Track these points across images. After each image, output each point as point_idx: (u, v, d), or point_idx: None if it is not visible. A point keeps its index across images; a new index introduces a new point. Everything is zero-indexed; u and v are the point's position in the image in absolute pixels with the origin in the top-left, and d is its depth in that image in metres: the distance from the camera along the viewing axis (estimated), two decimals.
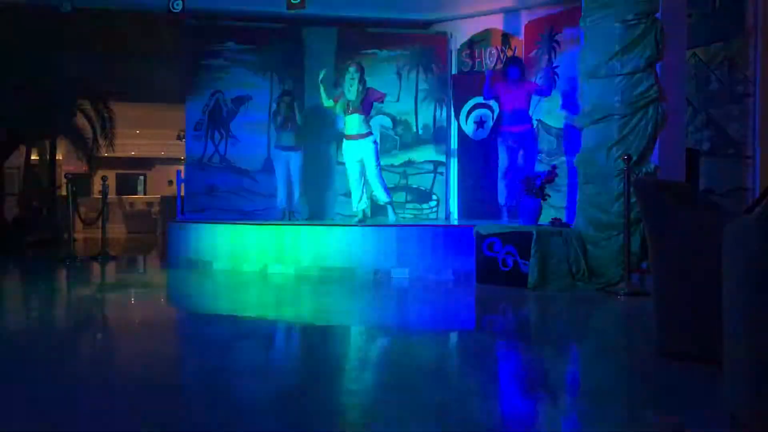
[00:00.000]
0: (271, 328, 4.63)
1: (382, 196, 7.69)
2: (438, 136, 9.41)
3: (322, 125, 8.96)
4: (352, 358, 3.79)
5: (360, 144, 7.51)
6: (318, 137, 9.02)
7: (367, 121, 7.58)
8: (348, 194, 8.11)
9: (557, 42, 7.92)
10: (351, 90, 7.39)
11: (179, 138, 14.24)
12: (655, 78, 5.76)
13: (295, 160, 8.49)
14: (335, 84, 8.45)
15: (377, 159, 7.65)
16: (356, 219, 7.57)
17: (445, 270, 6.75)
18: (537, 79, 8.03)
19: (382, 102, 7.79)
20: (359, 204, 7.64)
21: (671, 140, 5.82)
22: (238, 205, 9.01)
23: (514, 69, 7.59)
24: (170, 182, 24.58)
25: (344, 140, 7.66)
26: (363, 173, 7.62)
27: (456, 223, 8.52)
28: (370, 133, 7.59)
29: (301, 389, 2.99)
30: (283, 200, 8.50)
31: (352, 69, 7.45)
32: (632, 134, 5.79)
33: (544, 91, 7.69)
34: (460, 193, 9.38)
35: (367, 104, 7.50)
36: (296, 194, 8.55)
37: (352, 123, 7.49)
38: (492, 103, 8.48)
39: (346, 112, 7.52)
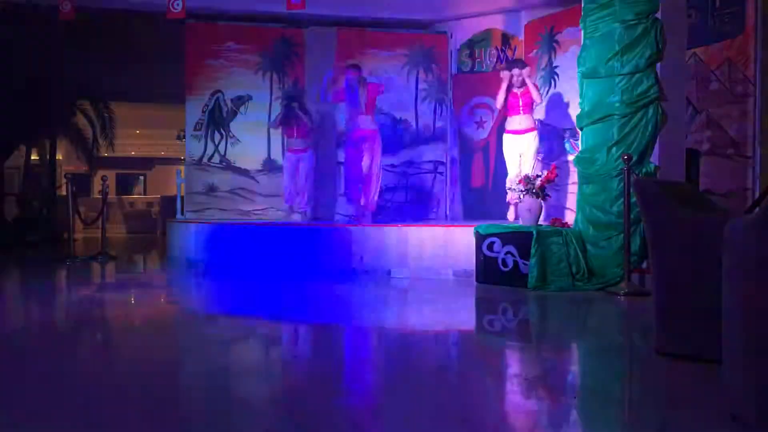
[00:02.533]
0: (271, 328, 4.62)
1: (369, 197, 7.65)
2: (438, 136, 9.41)
3: (321, 126, 8.96)
4: (352, 357, 3.79)
5: (367, 140, 7.53)
6: (317, 138, 9.03)
7: (373, 119, 7.63)
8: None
9: (557, 42, 7.92)
10: (353, 95, 7.43)
11: (179, 138, 14.25)
12: (655, 78, 5.76)
13: (305, 161, 8.47)
14: (334, 81, 8.45)
15: (379, 157, 7.66)
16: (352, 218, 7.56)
17: (445, 270, 6.75)
18: (537, 79, 8.02)
19: (381, 93, 7.77)
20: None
21: (671, 140, 5.82)
22: (238, 205, 9.01)
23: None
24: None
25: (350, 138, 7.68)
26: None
27: (456, 223, 8.52)
28: (377, 131, 7.64)
29: (301, 389, 2.99)
30: (297, 202, 8.45)
31: (350, 77, 7.46)
32: (632, 134, 5.80)
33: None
34: (460, 193, 9.38)
35: (370, 103, 7.52)
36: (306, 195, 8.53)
37: (362, 122, 7.55)
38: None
39: (354, 115, 7.55)
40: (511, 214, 7.33)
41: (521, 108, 7.26)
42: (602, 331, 4.56)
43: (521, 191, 6.45)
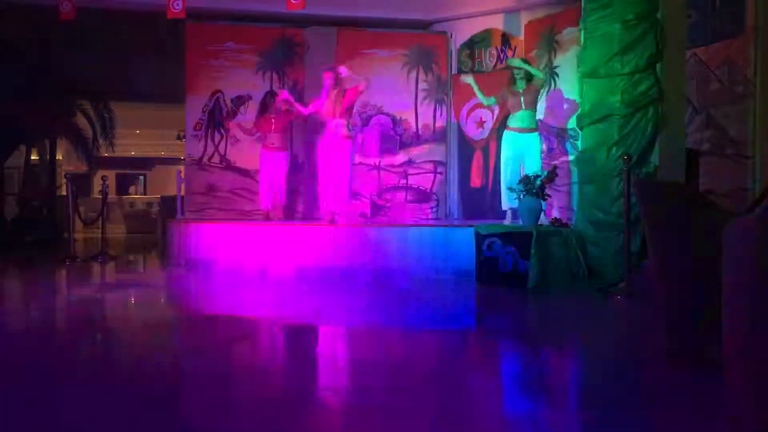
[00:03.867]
0: (272, 328, 4.62)
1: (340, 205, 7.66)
2: (438, 136, 9.41)
3: (321, 125, 8.96)
4: (352, 358, 3.79)
5: (337, 146, 7.49)
6: (316, 137, 9.03)
7: (348, 125, 7.59)
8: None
9: (557, 42, 7.91)
10: (326, 98, 7.47)
11: (179, 138, 14.24)
12: (655, 78, 5.76)
13: (282, 161, 8.46)
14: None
15: (350, 165, 7.60)
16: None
17: (445, 270, 6.75)
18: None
19: (361, 92, 7.67)
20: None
21: (671, 140, 5.82)
22: (238, 205, 9.01)
23: None
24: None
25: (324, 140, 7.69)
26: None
27: (456, 223, 8.51)
28: (349, 137, 7.58)
29: (301, 389, 2.99)
30: (269, 202, 8.44)
31: (325, 79, 7.50)
32: (632, 134, 5.80)
33: None
34: (461, 193, 9.39)
35: (347, 108, 7.48)
36: (280, 196, 8.49)
37: (334, 126, 7.53)
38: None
39: (332, 116, 7.52)
40: (507, 221, 7.29)
41: (522, 105, 7.22)
42: (602, 332, 4.56)
43: (521, 191, 6.45)
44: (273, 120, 8.39)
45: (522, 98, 7.21)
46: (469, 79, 7.70)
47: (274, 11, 8.75)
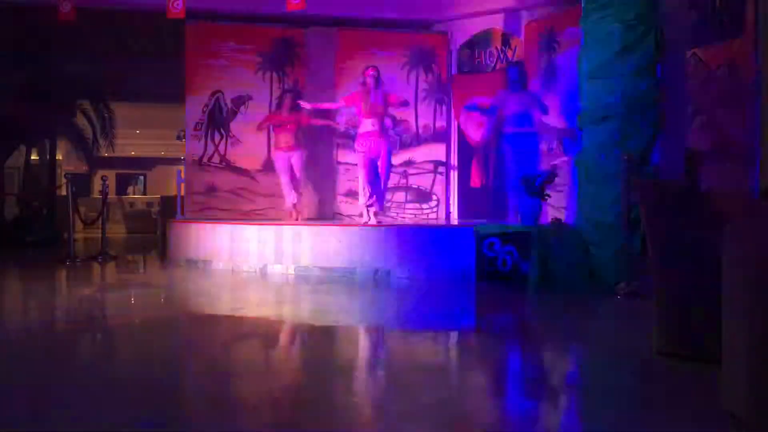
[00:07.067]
0: (271, 328, 4.62)
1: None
2: (438, 136, 9.41)
3: (322, 125, 8.96)
4: (352, 358, 3.79)
5: (377, 143, 7.45)
6: (318, 137, 9.02)
7: (379, 123, 7.54)
8: (348, 194, 8.10)
9: (557, 42, 7.91)
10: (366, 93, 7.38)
11: (179, 138, 14.24)
12: (655, 78, 5.76)
13: (296, 159, 8.45)
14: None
15: (389, 161, 7.65)
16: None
17: (445, 270, 6.74)
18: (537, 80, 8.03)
19: (395, 105, 7.68)
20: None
21: (671, 140, 5.83)
22: (238, 205, 9.01)
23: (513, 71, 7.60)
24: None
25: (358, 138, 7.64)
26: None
27: (456, 223, 8.51)
28: (385, 135, 7.60)
29: (301, 389, 2.99)
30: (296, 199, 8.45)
31: (368, 75, 7.40)
32: (632, 134, 5.80)
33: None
34: (460, 193, 9.39)
35: (381, 109, 7.43)
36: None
37: (367, 124, 7.44)
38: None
39: (363, 114, 7.45)
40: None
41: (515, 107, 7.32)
42: (601, 331, 4.56)
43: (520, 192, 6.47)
44: (287, 119, 8.38)
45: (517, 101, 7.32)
46: None
47: (274, 11, 8.75)
